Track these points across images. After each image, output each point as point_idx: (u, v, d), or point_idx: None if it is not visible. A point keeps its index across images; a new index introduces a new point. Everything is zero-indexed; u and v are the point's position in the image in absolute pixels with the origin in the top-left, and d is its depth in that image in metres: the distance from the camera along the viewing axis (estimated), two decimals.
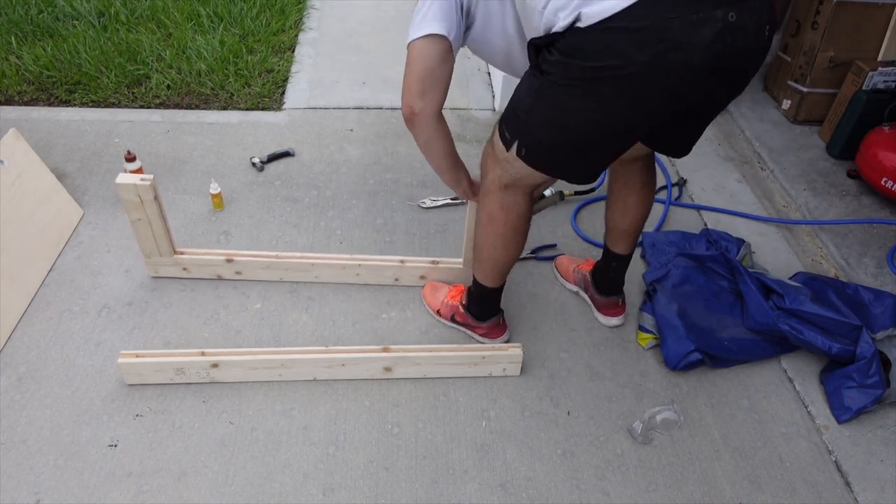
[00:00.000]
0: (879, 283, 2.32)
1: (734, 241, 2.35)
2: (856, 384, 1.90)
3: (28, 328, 1.96)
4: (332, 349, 1.87)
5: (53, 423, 1.73)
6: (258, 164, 2.64)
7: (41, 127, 2.76)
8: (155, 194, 1.90)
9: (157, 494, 1.60)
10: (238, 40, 3.37)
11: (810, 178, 2.86)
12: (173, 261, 2.10)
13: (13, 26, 3.30)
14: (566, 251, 2.38)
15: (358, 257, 2.14)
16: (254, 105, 3.03)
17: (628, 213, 1.86)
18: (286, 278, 2.13)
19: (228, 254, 2.11)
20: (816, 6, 3.00)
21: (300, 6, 3.79)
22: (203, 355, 1.82)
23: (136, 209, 1.91)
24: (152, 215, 1.93)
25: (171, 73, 3.11)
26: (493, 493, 1.67)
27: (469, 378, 1.92)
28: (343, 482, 1.66)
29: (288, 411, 1.81)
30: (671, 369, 1.97)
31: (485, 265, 1.81)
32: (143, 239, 2.01)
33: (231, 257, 2.10)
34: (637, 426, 1.82)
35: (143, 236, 2.00)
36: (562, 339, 2.07)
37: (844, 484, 1.76)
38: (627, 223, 1.88)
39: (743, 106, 3.30)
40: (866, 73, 2.83)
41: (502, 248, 1.73)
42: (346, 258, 2.13)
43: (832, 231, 2.57)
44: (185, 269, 2.13)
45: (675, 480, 1.73)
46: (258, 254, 2.12)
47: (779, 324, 2.00)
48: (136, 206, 1.90)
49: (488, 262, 1.80)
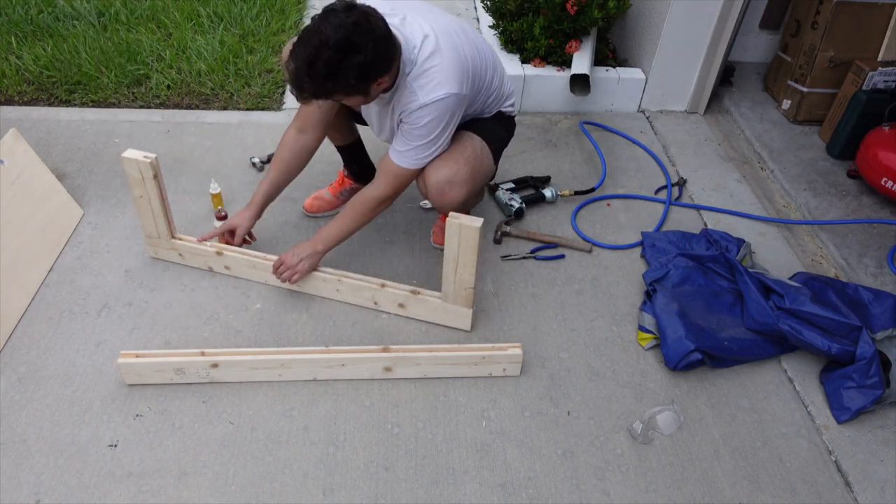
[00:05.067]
0: (879, 283, 2.32)
1: (734, 241, 2.35)
2: (855, 384, 1.90)
3: (28, 328, 1.96)
4: (332, 349, 1.87)
5: (53, 423, 1.73)
6: (258, 164, 2.64)
7: (41, 127, 2.76)
8: (155, 173, 1.93)
9: (157, 494, 1.60)
10: (238, 40, 3.37)
11: (810, 178, 2.86)
12: (170, 245, 2.13)
13: (13, 26, 3.30)
14: (566, 251, 2.38)
15: (339, 272, 2.07)
16: (254, 105, 3.03)
17: None
18: (270, 281, 2.12)
19: (218, 247, 2.11)
20: (816, 6, 3.00)
21: (300, 6, 3.79)
22: (203, 355, 1.82)
23: (138, 185, 1.96)
24: (152, 193, 1.97)
25: (171, 73, 3.11)
26: (493, 493, 1.67)
27: (469, 378, 1.92)
28: (343, 482, 1.66)
29: (288, 411, 1.81)
30: (671, 369, 1.97)
31: None
32: (144, 217, 2.06)
33: (221, 251, 2.10)
34: (637, 426, 1.82)
35: (144, 214, 2.05)
36: (562, 339, 2.07)
37: (844, 484, 1.76)
38: None
39: (743, 106, 3.30)
40: (866, 73, 2.83)
41: None
42: (328, 272, 2.07)
43: (832, 231, 2.57)
44: (181, 255, 2.15)
45: (675, 480, 1.73)
46: (246, 252, 2.12)
47: (779, 324, 2.00)
48: (139, 183, 1.95)
49: None
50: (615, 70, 3.18)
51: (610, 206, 2.64)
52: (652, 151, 2.96)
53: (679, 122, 3.22)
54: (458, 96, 1.77)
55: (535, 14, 3.03)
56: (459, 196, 1.93)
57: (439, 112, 1.76)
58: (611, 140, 3.04)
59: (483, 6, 3.31)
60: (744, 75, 3.54)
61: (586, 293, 2.24)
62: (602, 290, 2.25)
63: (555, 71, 3.09)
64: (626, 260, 2.38)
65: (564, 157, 2.89)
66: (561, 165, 2.84)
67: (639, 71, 3.21)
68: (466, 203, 2.03)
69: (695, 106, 3.28)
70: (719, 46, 3.07)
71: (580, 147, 2.97)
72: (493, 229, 2.44)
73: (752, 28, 3.52)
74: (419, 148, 1.83)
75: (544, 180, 2.70)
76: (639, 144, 3.01)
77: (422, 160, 1.86)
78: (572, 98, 3.11)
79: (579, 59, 2.98)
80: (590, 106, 3.20)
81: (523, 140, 2.97)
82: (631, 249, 2.42)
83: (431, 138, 1.81)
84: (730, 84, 3.45)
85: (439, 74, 1.74)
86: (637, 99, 3.23)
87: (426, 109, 1.75)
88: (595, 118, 3.17)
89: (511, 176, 2.69)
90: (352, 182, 2.41)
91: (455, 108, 1.79)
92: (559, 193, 2.61)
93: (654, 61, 3.11)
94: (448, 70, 1.74)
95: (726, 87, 3.42)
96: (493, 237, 2.41)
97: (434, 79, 1.74)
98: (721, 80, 3.29)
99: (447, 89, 1.74)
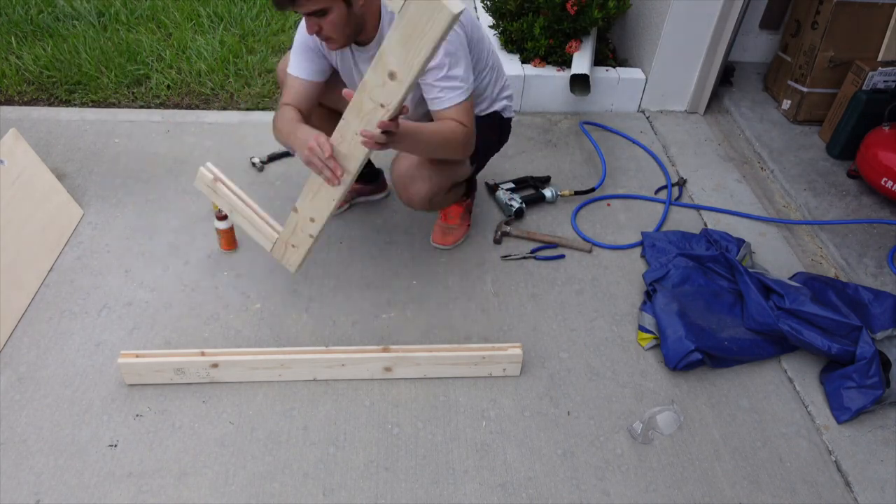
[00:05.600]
0: (879, 283, 2.32)
1: (734, 241, 2.35)
2: (855, 384, 1.90)
3: (28, 328, 1.96)
4: (332, 349, 1.87)
5: (53, 423, 1.73)
6: (258, 164, 2.64)
7: (41, 127, 2.76)
8: (215, 176, 2.01)
9: (157, 494, 1.60)
10: (238, 40, 3.37)
11: (810, 178, 2.85)
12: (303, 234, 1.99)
13: (13, 26, 3.30)
14: (566, 251, 2.38)
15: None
16: (254, 105, 3.03)
17: None
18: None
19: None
20: (816, 6, 3.00)
21: None
22: (203, 355, 1.82)
23: (216, 199, 2.05)
24: (230, 201, 2.02)
25: (171, 73, 3.11)
26: (493, 493, 1.67)
27: (469, 378, 1.92)
28: (343, 482, 1.66)
29: (288, 411, 1.81)
30: (671, 369, 1.97)
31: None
32: (252, 232, 2.06)
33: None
34: (637, 426, 1.82)
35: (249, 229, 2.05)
36: (562, 339, 2.07)
37: (844, 484, 1.76)
38: None
39: (743, 106, 3.30)
40: (866, 73, 2.83)
41: None
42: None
43: (832, 231, 2.57)
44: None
45: (675, 480, 1.73)
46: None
47: (779, 324, 2.00)
48: (213, 195, 2.04)
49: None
50: (615, 70, 3.18)
51: (610, 206, 2.64)
52: (652, 151, 2.96)
53: (679, 122, 3.22)
54: (454, 16, 1.62)
55: (535, 14, 3.03)
56: (423, 191, 1.92)
57: None
58: (611, 140, 3.04)
59: (483, 6, 3.31)
60: (744, 75, 3.54)
61: (586, 293, 2.24)
62: (602, 290, 2.25)
63: (555, 71, 3.10)
64: (626, 260, 2.38)
65: (564, 157, 2.89)
66: (561, 165, 2.84)
67: (639, 71, 3.21)
68: (433, 199, 1.99)
69: (695, 106, 3.28)
70: (719, 46, 3.07)
71: (580, 147, 2.97)
72: (494, 229, 2.44)
73: (752, 28, 3.52)
74: (444, 81, 1.71)
75: (544, 180, 2.70)
76: (639, 144, 3.01)
77: (458, 92, 1.74)
78: (572, 98, 3.11)
79: (579, 59, 2.98)
80: (590, 106, 3.20)
81: (523, 140, 2.97)
82: (631, 249, 2.42)
83: (449, 58, 1.69)
84: (730, 84, 3.45)
85: None
86: (637, 99, 3.24)
87: None
88: (595, 118, 3.17)
89: (511, 176, 2.69)
90: None
91: (457, 25, 1.67)
92: (559, 193, 2.61)
93: (654, 61, 3.11)
94: None
95: (726, 87, 3.42)
96: (493, 237, 2.41)
97: None
98: (721, 80, 3.30)
99: None
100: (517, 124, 3.07)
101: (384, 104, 1.48)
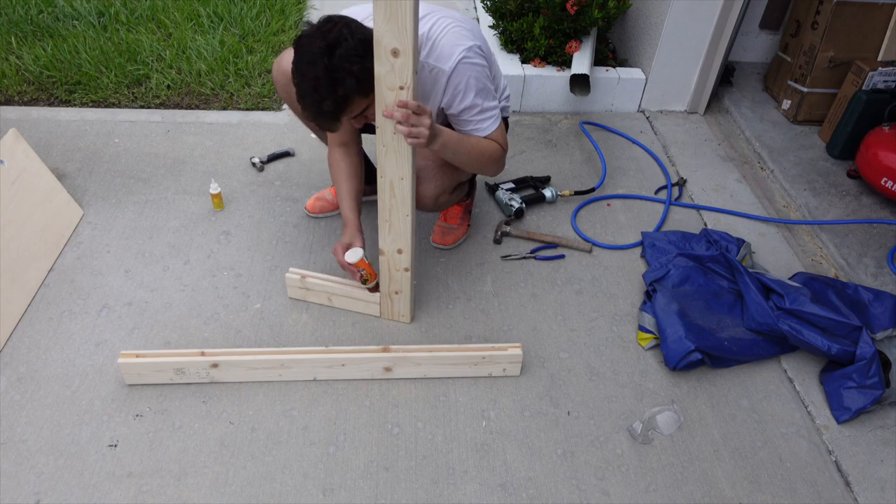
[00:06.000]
0: (879, 283, 2.32)
1: (734, 241, 2.35)
2: (855, 384, 1.90)
3: (28, 328, 1.96)
4: (332, 349, 1.87)
5: (53, 423, 1.73)
6: (258, 164, 2.64)
7: (41, 127, 2.76)
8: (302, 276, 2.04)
9: (157, 494, 1.60)
10: (238, 40, 3.37)
11: (810, 178, 2.86)
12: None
13: (13, 26, 3.30)
14: (566, 251, 2.38)
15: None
16: (254, 105, 3.03)
17: None
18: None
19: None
20: (816, 6, 3.00)
21: (300, 6, 3.79)
22: (203, 355, 1.82)
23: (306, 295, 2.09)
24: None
25: (171, 73, 3.11)
26: (493, 493, 1.67)
27: (469, 378, 1.92)
28: (343, 482, 1.66)
29: (288, 411, 1.81)
30: (671, 369, 1.97)
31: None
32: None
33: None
34: (637, 426, 1.82)
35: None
36: (562, 339, 2.07)
37: (844, 484, 1.76)
38: None
39: (743, 106, 3.30)
40: (866, 73, 2.83)
41: None
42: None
43: (832, 231, 2.57)
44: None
45: (675, 480, 1.73)
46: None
47: (779, 324, 2.00)
48: (307, 294, 2.09)
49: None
50: (615, 70, 3.18)
51: (610, 206, 2.64)
52: (652, 151, 2.96)
53: (679, 122, 3.22)
54: (474, 48, 1.80)
55: (535, 14, 3.03)
56: (429, 191, 1.95)
57: (467, 73, 1.78)
58: (611, 140, 3.04)
59: (483, 6, 3.31)
60: (744, 75, 3.54)
61: (586, 293, 2.24)
62: (602, 290, 2.25)
63: (555, 71, 3.10)
64: (626, 260, 2.38)
65: (564, 157, 2.90)
66: (561, 165, 2.84)
67: (639, 71, 3.21)
68: (439, 199, 2.02)
69: (695, 106, 3.28)
70: (719, 46, 3.07)
71: (580, 147, 2.97)
72: (494, 229, 2.44)
73: (752, 28, 3.52)
74: (479, 115, 1.85)
75: (544, 180, 2.70)
76: (639, 144, 3.01)
77: (492, 121, 1.88)
78: (572, 98, 3.11)
79: (579, 59, 2.98)
80: (590, 106, 3.20)
81: (523, 140, 2.98)
82: (631, 249, 2.43)
83: (481, 97, 1.83)
84: (730, 84, 3.45)
85: (447, 38, 1.77)
86: (637, 99, 3.24)
87: (454, 77, 1.77)
88: (595, 118, 3.17)
89: (511, 176, 2.69)
90: None
91: (478, 58, 1.81)
92: (559, 193, 2.61)
93: (654, 61, 3.11)
94: (452, 31, 1.79)
95: (726, 87, 3.42)
96: (493, 237, 2.41)
97: (446, 42, 1.77)
98: (721, 80, 3.30)
99: (462, 45, 1.77)
100: (517, 124, 3.07)
101: (402, 86, 1.54)
